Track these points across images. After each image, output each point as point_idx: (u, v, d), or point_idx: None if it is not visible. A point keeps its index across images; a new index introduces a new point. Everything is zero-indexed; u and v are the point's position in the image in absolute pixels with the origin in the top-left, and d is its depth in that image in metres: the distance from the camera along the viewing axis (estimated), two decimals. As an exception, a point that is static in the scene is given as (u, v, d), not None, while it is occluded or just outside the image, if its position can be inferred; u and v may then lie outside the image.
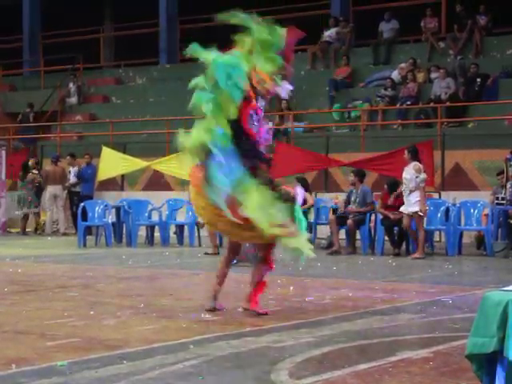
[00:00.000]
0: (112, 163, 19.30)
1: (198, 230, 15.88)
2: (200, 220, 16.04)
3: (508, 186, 13.93)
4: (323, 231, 15.49)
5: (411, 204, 13.08)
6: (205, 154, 6.87)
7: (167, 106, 22.26)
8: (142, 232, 16.26)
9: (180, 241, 16.08)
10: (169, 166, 18.20)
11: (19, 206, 19.21)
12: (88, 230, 16.31)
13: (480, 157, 16.55)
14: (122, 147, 20.08)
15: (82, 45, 25.97)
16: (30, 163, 19.62)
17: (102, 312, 7.44)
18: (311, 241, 7.07)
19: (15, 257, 13.19)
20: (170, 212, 16.28)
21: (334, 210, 15.09)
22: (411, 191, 13.07)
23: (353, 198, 14.38)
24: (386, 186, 14.13)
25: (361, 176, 14.45)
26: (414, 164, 13.15)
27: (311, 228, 15.38)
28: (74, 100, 24.66)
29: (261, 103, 7.14)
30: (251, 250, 12.00)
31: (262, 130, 7.21)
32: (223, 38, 7.20)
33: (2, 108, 25.89)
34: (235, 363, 5.34)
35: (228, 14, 6.84)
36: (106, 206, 16.18)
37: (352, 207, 14.28)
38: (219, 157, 6.79)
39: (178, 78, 23.19)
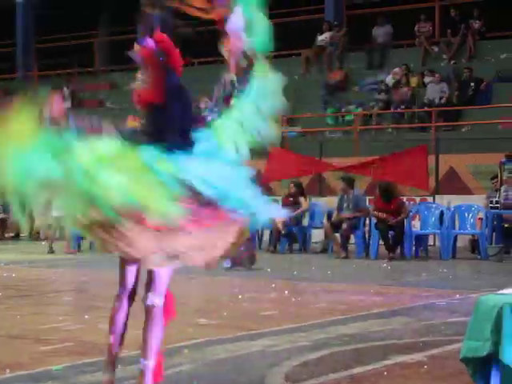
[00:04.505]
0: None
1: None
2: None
3: (502, 189, 13.97)
4: (317, 235, 15.49)
5: None
6: None
7: (161, 110, 22.20)
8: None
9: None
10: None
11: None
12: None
13: (474, 161, 16.57)
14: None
15: (76, 49, 25.95)
16: None
17: (97, 316, 7.42)
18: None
19: (9, 261, 13.16)
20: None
21: (329, 215, 15.10)
22: None
23: (345, 205, 14.40)
24: (377, 191, 14.16)
25: (350, 182, 14.49)
26: None
27: (305, 233, 15.44)
28: (67, 105, 24.63)
29: None
30: (247, 252, 12.04)
31: None
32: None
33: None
34: (231, 367, 5.34)
35: None
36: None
37: (346, 213, 14.31)
38: None
39: (172, 82, 23.18)
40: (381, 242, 13.92)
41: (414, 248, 14.16)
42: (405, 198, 15.06)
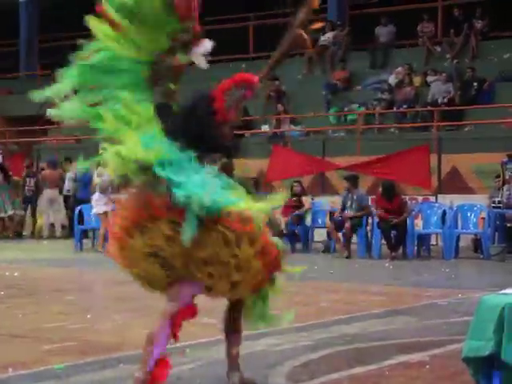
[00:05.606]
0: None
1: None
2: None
3: (504, 189, 13.96)
4: (320, 234, 15.49)
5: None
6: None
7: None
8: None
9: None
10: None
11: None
12: (84, 234, 16.28)
13: (476, 160, 16.56)
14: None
15: (79, 48, 25.94)
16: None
17: (99, 315, 7.43)
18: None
19: (11, 260, 13.17)
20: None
21: (332, 214, 15.09)
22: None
23: (349, 203, 14.41)
24: (380, 190, 14.16)
25: (354, 181, 14.49)
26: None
27: (308, 232, 15.44)
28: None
29: None
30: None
31: None
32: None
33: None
34: (232, 367, 5.33)
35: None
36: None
37: (349, 212, 14.32)
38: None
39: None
40: (383, 242, 13.92)
41: (416, 247, 14.17)
42: (407, 198, 15.06)
